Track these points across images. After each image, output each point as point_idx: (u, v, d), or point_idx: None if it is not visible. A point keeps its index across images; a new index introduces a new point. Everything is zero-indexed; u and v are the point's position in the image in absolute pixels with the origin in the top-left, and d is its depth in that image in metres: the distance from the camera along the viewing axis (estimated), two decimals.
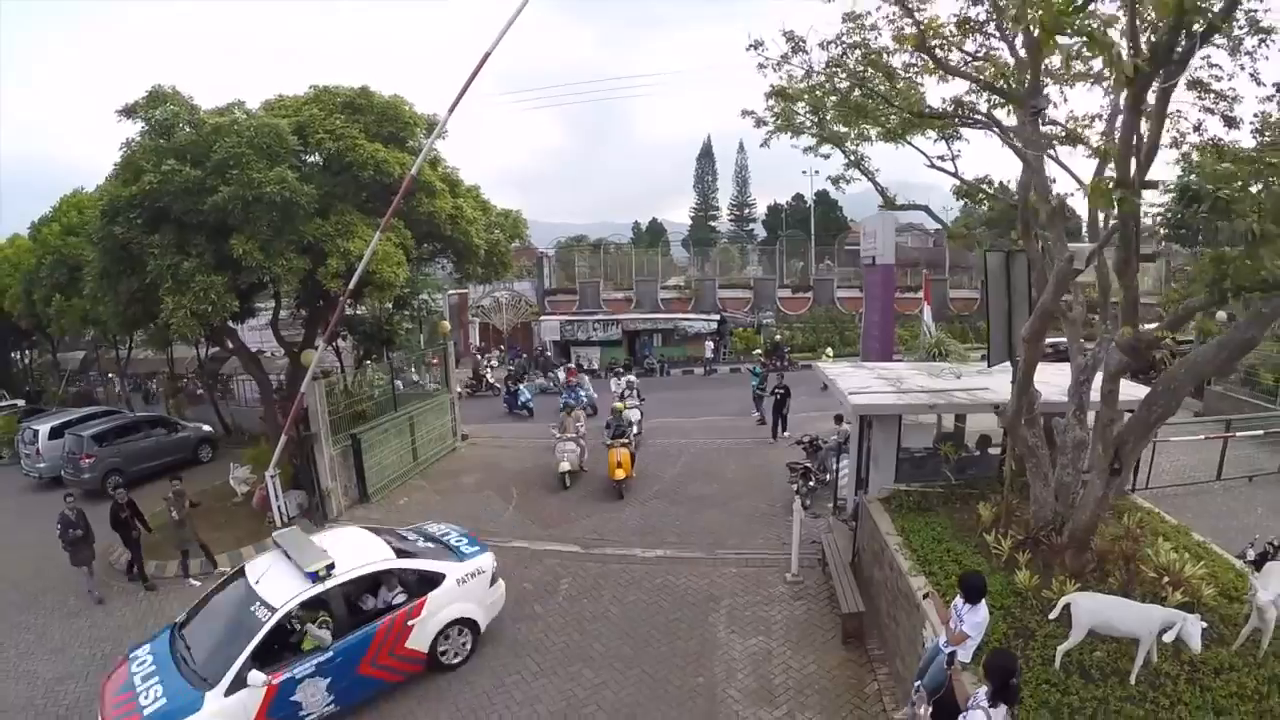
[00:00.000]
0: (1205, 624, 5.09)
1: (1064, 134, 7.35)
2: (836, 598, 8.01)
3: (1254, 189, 3.89)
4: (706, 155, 64.82)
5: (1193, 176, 7.54)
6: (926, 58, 5.77)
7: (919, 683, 4.89)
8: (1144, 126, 4.85)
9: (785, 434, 15.66)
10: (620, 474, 12.63)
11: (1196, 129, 8.49)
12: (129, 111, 10.21)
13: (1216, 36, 7.18)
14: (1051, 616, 5.40)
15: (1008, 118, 6.65)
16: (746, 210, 64.86)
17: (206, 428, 19.32)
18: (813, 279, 34.68)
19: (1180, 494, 12.28)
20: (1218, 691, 5.09)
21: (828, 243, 40.33)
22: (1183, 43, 4.01)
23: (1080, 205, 14.05)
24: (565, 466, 13.33)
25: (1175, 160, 8.53)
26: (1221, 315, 22.17)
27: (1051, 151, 7.60)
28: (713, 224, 63.81)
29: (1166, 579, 5.82)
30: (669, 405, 20.03)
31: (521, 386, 21.64)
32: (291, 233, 9.54)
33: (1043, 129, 7.57)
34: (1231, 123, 8.21)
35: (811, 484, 11.38)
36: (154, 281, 9.37)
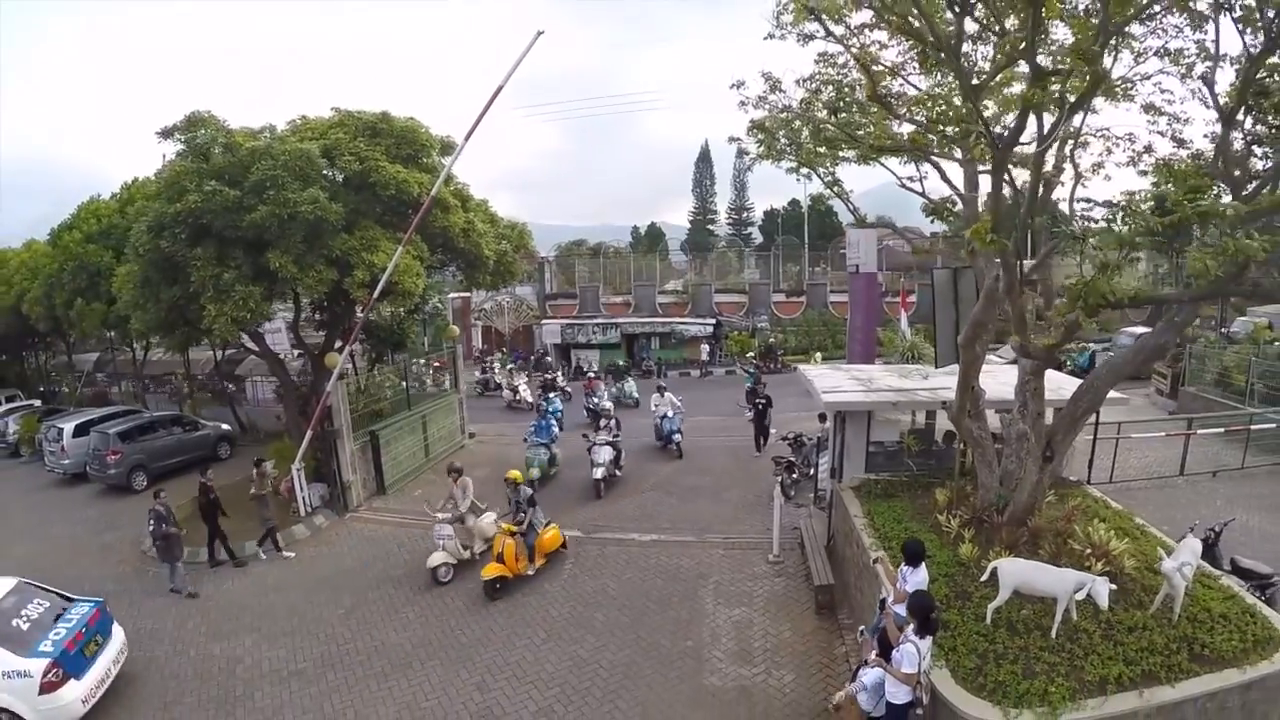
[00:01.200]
0: (1113, 586, 6.00)
1: (1016, 159, 8.24)
2: (812, 574, 8.94)
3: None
4: (705, 160, 65.67)
5: (1169, 186, 8.41)
6: (879, 105, 6.68)
7: (862, 628, 5.79)
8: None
9: (774, 432, 15.93)
10: (495, 572, 9.20)
11: (1148, 150, 9.40)
12: (167, 133, 11.15)
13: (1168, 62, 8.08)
14: (983, 579, 6.33)
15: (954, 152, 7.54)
16: (745, 214, 65.74)
17: (225, 426, 20.21)
18: (806, 284, 35.65)
19: (1145, 488, 13.06)
20: (1130, 646, 5.94)
21: (822, 248, 41.27)
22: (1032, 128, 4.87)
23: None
24: (436, 560, 9.90)
25: (1141, 172, 9.42)
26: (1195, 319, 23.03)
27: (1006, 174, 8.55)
28: (711, 228, 64.53)
29: (1089, 551, 6.74)
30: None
31: (552, 395, 20.34)
32: (321, 247, 10.52)
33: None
34: (1181, 143, 9.11)
35: (794, 476, 12.31)
36: (196, 291, 10.31)
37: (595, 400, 19.53)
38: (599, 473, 13.03)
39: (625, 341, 31.74)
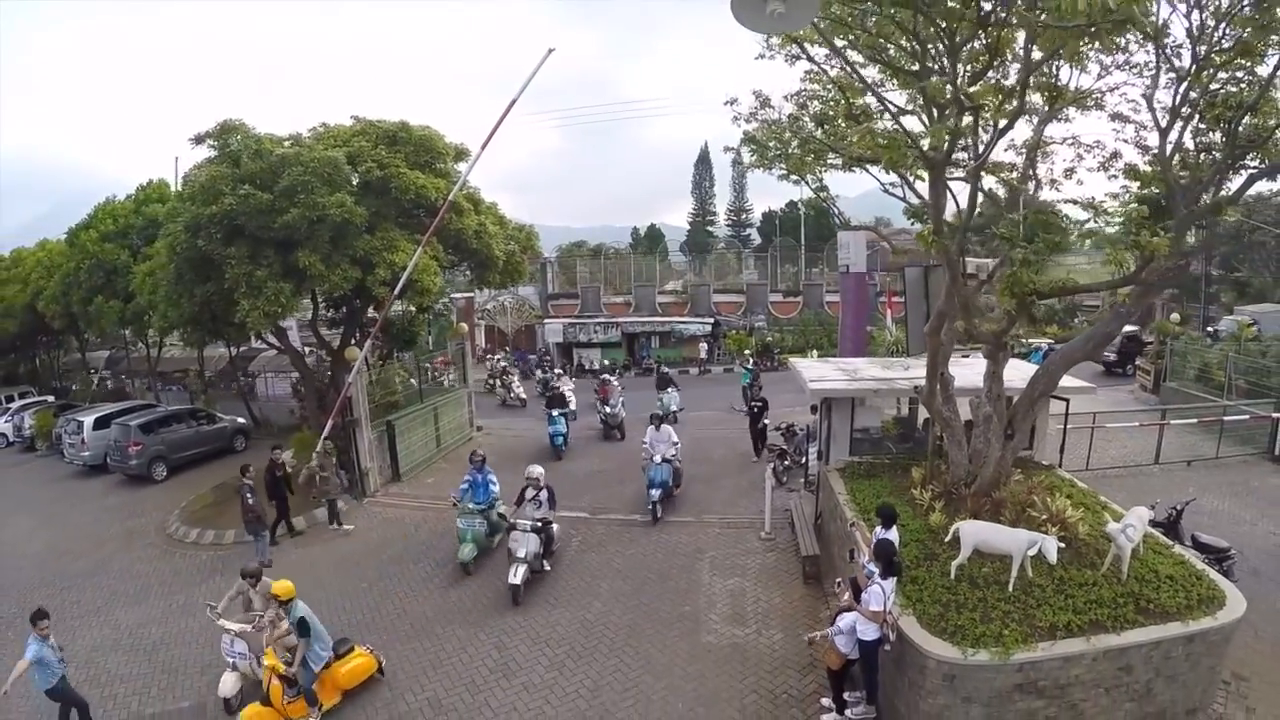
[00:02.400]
0: (1063, 545, 6.76)
1: (982, 167, 9.01)
2: (800, 548, 9.72)
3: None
4: (704, 162, 66.29)
5: (1152, 189, 9.13)
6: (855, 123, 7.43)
7: (839, 579, 6.56)
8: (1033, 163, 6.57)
9: (767, 423, 15.20)
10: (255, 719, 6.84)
11: (1114, 157, 10.16)
12: (200, 139, 11.95)
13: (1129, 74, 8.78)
14: (946, 540, 7.10)
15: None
16: (744, 216, 66.48)
17: (241, 420, 20.94)
18: (803, 284, 36.47)
19: (1121, 475, 13.79)
20: (1079, 599, 6.63)
21: (819, 249, 42.08)
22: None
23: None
24: (228, 687, 7.65)
25: (1111, 177, 10.17)
26: (1175, 317, 24.01)
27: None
28: (710, 229, 65.21)
29: (1046, 518, 7.50)
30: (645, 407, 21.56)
31: (555, 413, 16.43)
32: (346, 247, 11.36)
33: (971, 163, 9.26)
34: (1146, 149, 9.86)
35: (786, 463, 13.10)
36: (230, 287, 11.11)
37: (610, 410, 17.47)
38: (517, 574, 9.24)
39: (626, 340, 32.54)
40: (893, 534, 6.61)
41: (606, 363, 28.58)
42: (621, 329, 32.35)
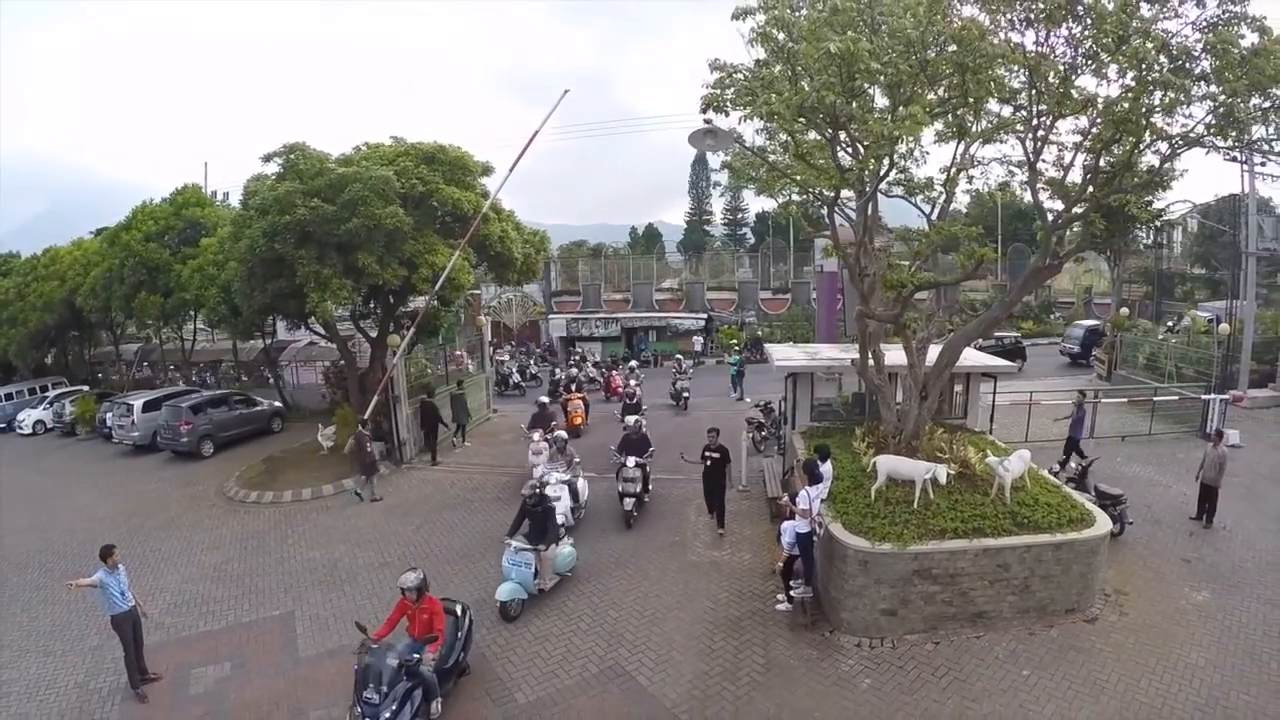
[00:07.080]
0: (953, 472, 8.98)
1: (914, 187, 11.22)
2: (768, 493, 12.02)
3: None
4: (700, 162, 68.04)
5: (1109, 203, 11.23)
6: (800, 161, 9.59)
7: (784, 494, 8.82)
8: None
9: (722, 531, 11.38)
10: None
11: (1038, 176, 12.34)
12: (268, 158, 14.23)
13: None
14: (867, 471, 9.36)
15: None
16: (739, 215, 68.35)
17: (278, 404, 23.08)
18: (791, 282, 38.73)
19: (1057, 447, 15.73)
20: (967, 513, 8.70)
21: (808, 249, 44.32)
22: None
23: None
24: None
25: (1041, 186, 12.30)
26: (1125, 311, 26.55)
27: (912, 198, 11.56)
28: (707, 227, 66.89)
29: (948, 456, 9.74)
30: (663, 390, 23.91)
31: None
32: (396, 251, 13.66)
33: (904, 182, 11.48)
34: (1066, 169, 12.04)
35: (764, 434, 15.37)
36: (300, 283, 13.39)
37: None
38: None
39: (625, 335, 34.79)
40: (827, 466, 8.87)
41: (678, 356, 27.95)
42: (621, 324, 34.55)
